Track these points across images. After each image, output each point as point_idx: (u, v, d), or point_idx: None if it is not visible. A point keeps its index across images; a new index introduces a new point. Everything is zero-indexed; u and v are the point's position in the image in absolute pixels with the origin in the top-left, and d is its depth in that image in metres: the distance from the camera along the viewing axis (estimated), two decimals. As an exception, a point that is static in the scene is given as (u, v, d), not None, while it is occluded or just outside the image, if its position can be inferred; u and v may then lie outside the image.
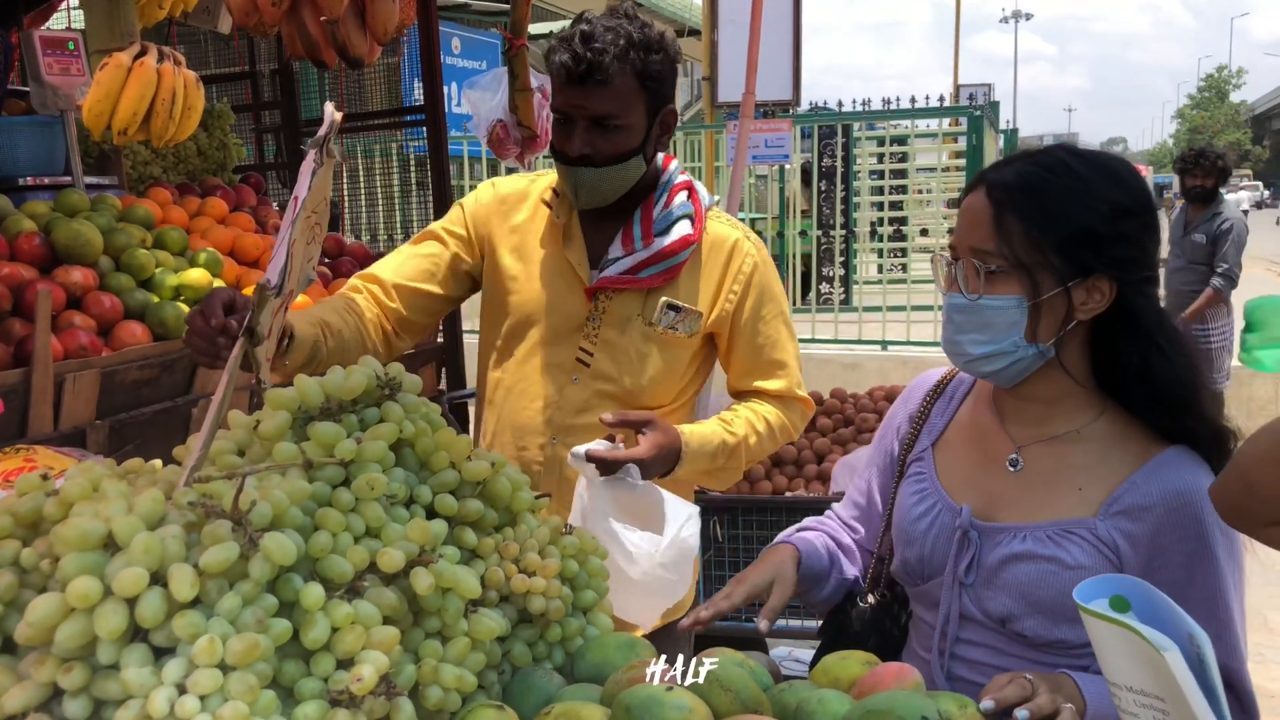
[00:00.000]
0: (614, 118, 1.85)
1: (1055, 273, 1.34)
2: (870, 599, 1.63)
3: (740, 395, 2.13)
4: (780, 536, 1.69)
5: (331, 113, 1.29)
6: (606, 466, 1.72)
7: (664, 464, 1.85)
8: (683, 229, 1.97)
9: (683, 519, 1.71)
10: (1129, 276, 1.36)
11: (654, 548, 1.65)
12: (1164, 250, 6.62)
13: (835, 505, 1.78)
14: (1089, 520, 1.37)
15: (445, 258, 2.03)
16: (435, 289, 2.03)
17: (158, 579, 0.94)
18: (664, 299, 1.98)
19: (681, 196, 2.01)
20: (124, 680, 0.91)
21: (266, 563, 0.98)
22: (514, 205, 2.05)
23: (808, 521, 1.75)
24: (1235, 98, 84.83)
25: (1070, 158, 1.38)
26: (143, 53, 2.63)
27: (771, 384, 2.07)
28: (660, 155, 2.02)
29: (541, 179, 2.09)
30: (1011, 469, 1.45)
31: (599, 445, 1.75)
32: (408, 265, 2.03)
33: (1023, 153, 1.43)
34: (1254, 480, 1.21)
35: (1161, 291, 1.60)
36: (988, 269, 1.35)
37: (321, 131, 1.28)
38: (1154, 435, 1.40)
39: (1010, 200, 1.35)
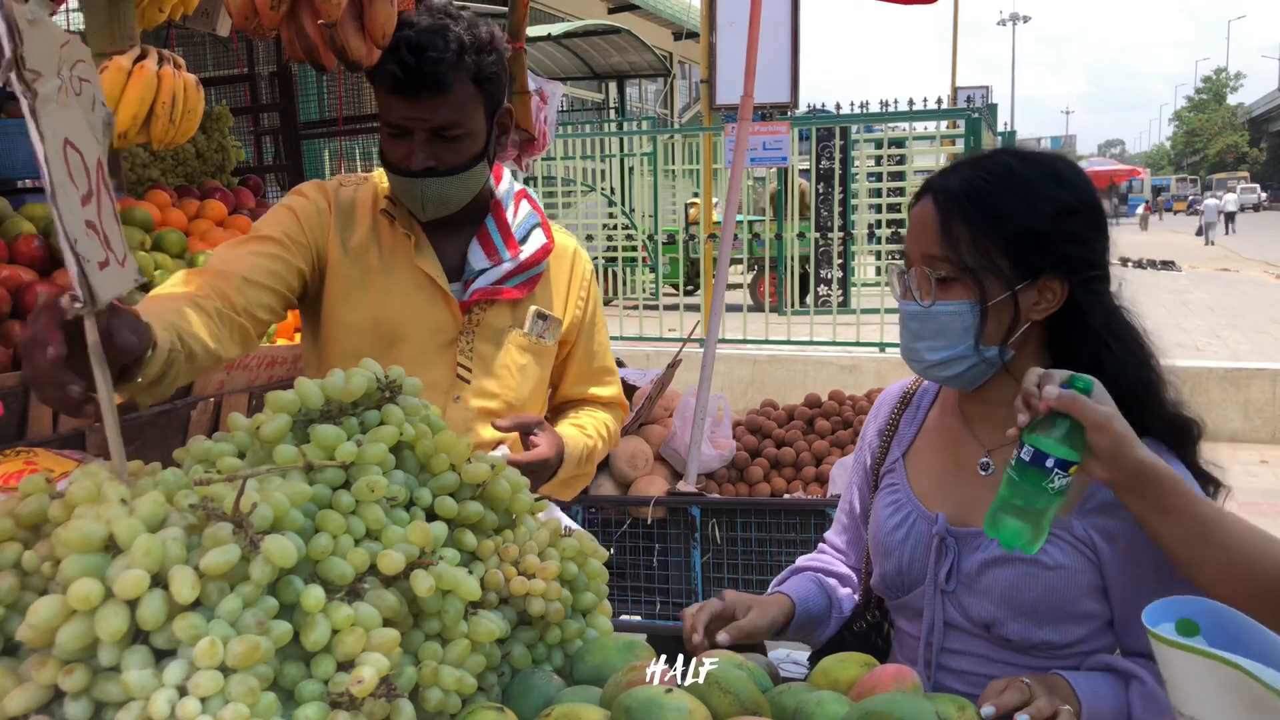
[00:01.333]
0: (455, 126, 1.76)
1: (1003, 276, 1.35)
2: (865, 620, 1.64)
3: (569, 404, 2.09)
4: (775, 580, 1.69)
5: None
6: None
7: (555, 465, 1.83)
8: (539, 238, 1.94)
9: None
10: (1077, 275, 1.37)
11: None
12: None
13: (828, 532, 1.78)
14: (1065, 520, 1.37)
15: (291, 262, 1.82)
16: (284, 292, 1.81)
17: (159, 581, 0.95)
18: (534, 308, 1.94)
19: (526, 205, 1.97)
20: (125, 682, 0.92)
21: (267, 565, 0.98)
22: (348, 214, 1.90)
23: (802, 560, 1.75)
24: (1232, 100, 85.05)
25: (1013, 160, 1.40)
26: (143, 56, 2.62)
27: (605, 390, 2.09)
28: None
29: (363, 186, 1.95)
30: (983, 473, 1.46)
31: (501, 452, 1.72)
32: (258, 264, 1.77)
33: (968, 159, 1.45)
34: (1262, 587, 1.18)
35: None
36: (938, 275, 1.37)
37: (6, 53, 1.00)
38: None
39: (956, 206, 1.37)
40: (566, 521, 1.67)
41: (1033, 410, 1.19)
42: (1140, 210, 44.65)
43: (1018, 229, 1.35)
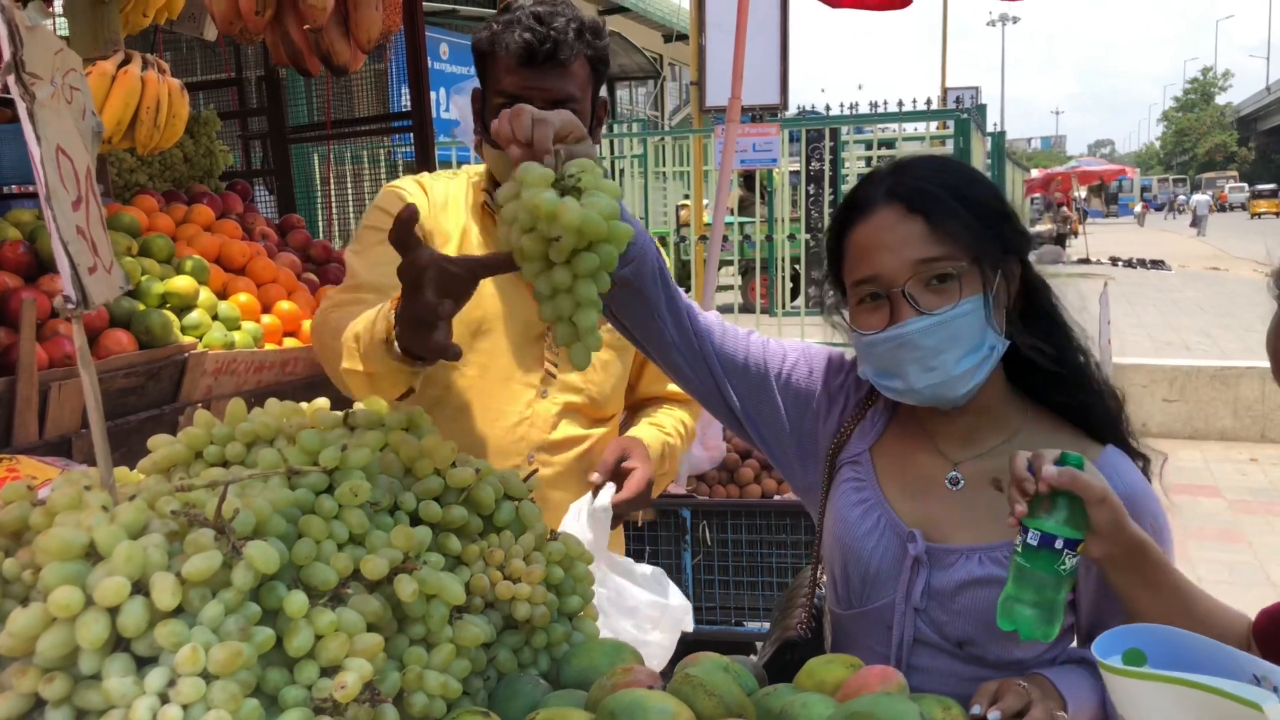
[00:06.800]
0: (572, 101, 1.77)
1: (992, 259, 1.33)
2: (810, 629, 1.55)
3: (647, 401, 2.09)
4: None
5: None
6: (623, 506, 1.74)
7: (652, 474, 1.84)
8: None
9: (679, 597, 1.72)
10: (1027, 251, 1.39)
11: (655, 609, 1.68)
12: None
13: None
14: None
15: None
16: None
17: (140, 588, 0.94)
18: None
19: None
20: (106, 690, 0.91)
21: (249, 570, 0.98)
22: (443, 206, 1.92)
23: None
24: (1221, 100, 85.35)
25: (936, 159, 1.41)
26: (127, 60, 2.62)
27: None
28: None
29: (457, 178, 1.97)
30: (952, 487, 1.40)
31: (608, 494, 1.74)
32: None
33: (894, 166, 1.40)
34: None
35: None
36: (941, 275, 1.30)
37: (5, 57, 1.04)
38: (1081, 437, 1.40)
39: (934, 201, 1.32)
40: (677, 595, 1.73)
41: (1027, 494, 1.16)
42: (1139, 209, 45.46)
43: (987, 211, 1.34)
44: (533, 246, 1.12)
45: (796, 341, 1.59)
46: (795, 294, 9.76)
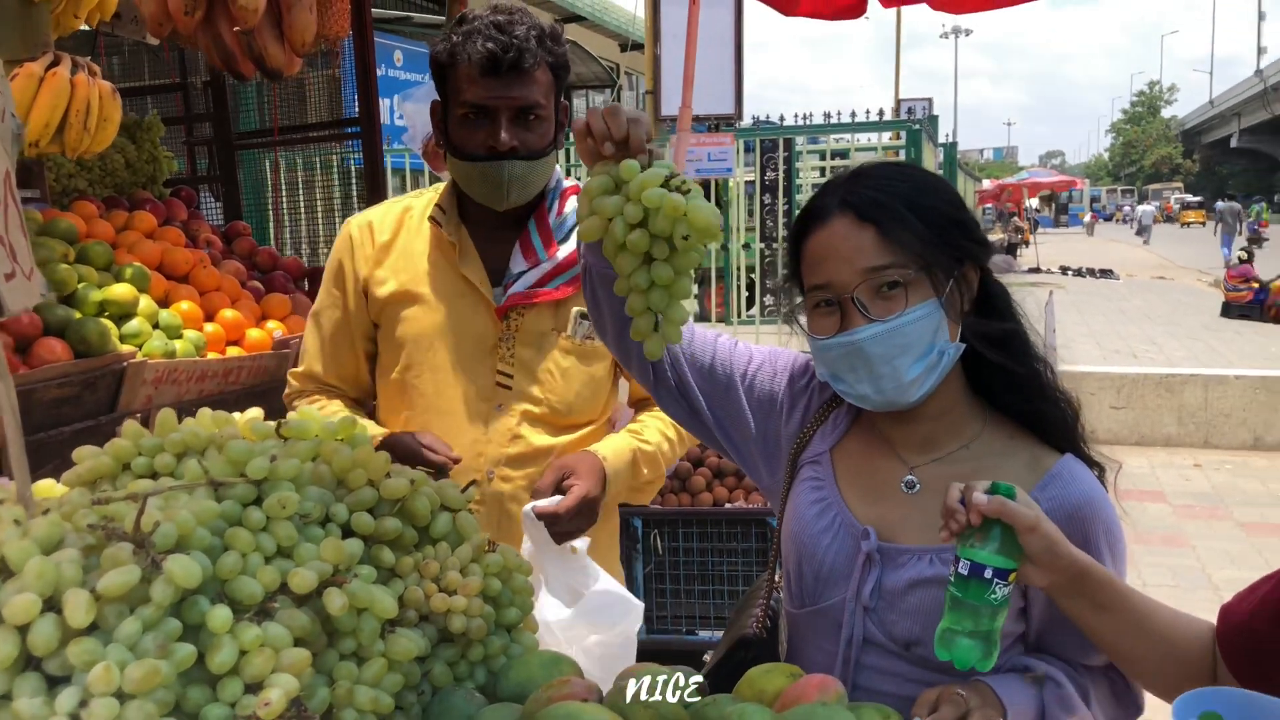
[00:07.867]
0: (538, 107, 1.79)
1: (944, 267, 1.34)
2: (764, 629, 1.54)
3: (643, 403, 2.07)
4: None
5: None
6: (553, 523, 1.68)
7: (599, 491, 1.77)
8: None
9: (627, 614, 1.69)
10: (985, 259, 1.39)
11: (580, 636, 1.64)
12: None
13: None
14: None
15: (360, 333, 1.95)
16: (371, 344, 1.97)
17: (52, 605, 0.91)
18: (575, 309, 1.90)
19: (573, 201, 1.95)
20: (15, 711, 0.88)
21: (170, 585, 0.95)
22: (389, 233, 1.94)
23: None
24: (1166, 113, 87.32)
25: (894, 166, 1.42)
26: (55, 62, 2.55)
27: None
28: None
29: (422, 197, 1.98)
30: (908, 491, 1.40)
31: (548, 502, 1.69)
32: (343, 357, 1.97)
33: (850, 175, 1.41)
34: None
35: None
36: (891, 283, 1.31)
37: None
38: (1037, 444, 1.41)
39: (884, 211, 1.33)
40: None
41: (959, 523, 1.16)
42: (1088, 219, 46.84)
43: (943, 217, 1.35)
44: (639, 241, 1.17)
45: (764, 345, 1.60)
46: (751, 303, 9.81)
